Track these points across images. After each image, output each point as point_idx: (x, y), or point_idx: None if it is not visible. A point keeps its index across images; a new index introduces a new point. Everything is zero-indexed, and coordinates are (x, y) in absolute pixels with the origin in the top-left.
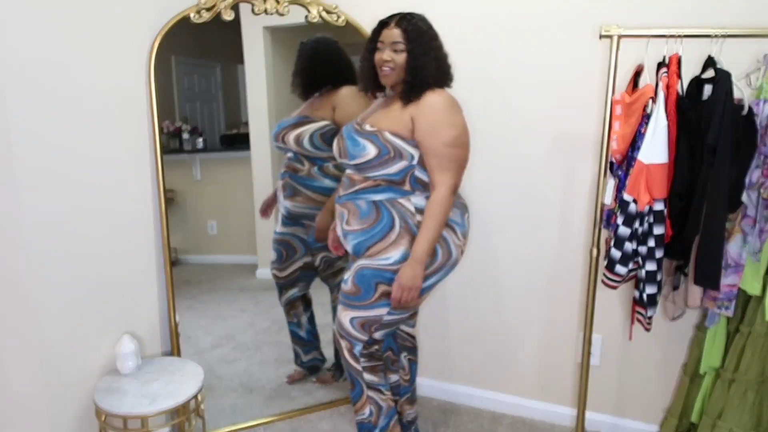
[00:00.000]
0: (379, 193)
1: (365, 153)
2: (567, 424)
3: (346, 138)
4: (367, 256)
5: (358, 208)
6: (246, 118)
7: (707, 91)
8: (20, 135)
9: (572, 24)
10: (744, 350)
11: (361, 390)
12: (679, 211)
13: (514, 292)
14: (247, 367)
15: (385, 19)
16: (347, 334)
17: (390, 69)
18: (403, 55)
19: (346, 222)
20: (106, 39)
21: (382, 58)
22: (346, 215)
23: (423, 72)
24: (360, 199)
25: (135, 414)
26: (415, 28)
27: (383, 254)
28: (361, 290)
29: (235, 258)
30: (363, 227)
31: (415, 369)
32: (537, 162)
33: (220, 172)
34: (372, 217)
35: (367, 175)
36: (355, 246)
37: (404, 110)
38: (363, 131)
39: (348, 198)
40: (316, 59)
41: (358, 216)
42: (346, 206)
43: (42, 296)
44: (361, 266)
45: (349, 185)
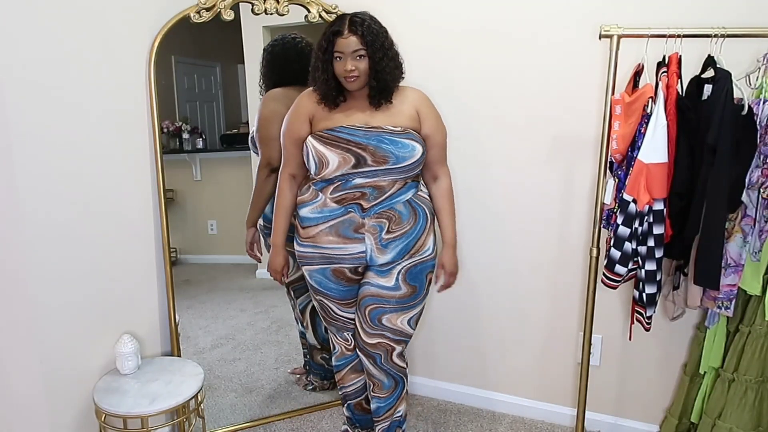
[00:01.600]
0: (407, 191)
1: (415, 153)
2: (567, 424)
3: (382, 142)
4: (409, 256)
5: (398, 213)
6: (246, 118)
7: (707, 90)
8: (20, 135)
9: (572, 24)
10: (744, 350)
11: (403, 388)
12: (678, 210)
13: (513, 292)
14: (247, 367)
15: (336, 27)
16: (406, 335)
17: (355, 77)
18: (365, 61)
19: (387, 231)
20: (106, 39)
21: (346, 69)
22: (386, 224)
23: (385, 75)
24: (396, 204)
25: (135, 414)
26: (370, 32)
27: (423, 247)
28: (417, 288)
29: (235, 258)
30: (407, 230)
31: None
32: (537, 162)
33: (220, 172)
34: (412, 217)
35: (404, 176)
36: (401, 250)
37: (404, 106)
38: (398, 132)
39: (382, 207)
40: (288, 58)
41: (401, 220)
42: (384, 215)
43: (42, 296)
44: (408, 266)
45: (378, 194)
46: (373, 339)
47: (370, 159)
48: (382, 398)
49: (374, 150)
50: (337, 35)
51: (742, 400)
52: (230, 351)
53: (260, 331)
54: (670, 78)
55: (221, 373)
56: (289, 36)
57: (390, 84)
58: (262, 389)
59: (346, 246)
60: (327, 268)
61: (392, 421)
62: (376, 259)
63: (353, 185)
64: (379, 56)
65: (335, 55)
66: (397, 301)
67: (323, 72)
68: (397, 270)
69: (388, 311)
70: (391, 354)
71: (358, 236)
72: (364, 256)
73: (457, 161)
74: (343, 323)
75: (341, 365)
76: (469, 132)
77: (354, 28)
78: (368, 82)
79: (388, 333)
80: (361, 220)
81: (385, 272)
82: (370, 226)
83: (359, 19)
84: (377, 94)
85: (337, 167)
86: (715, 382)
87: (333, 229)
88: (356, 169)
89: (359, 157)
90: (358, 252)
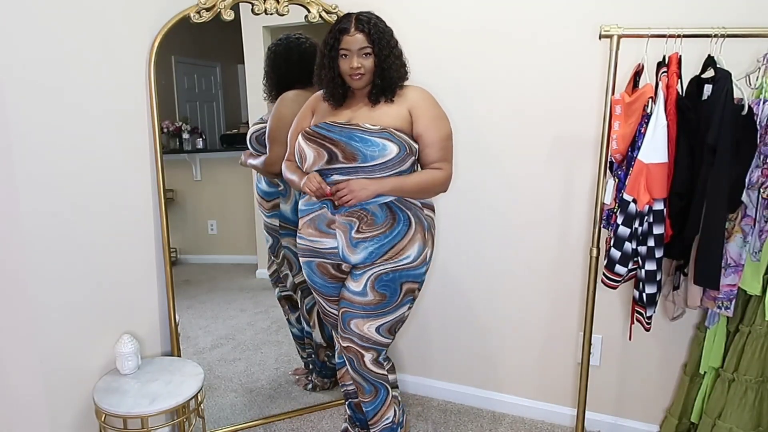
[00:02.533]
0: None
1: (387, 152)
2: (567, 424)
3: (352, 140)
4: (383, 261)
5: (371, 214)
6: (246, 118)
7: (707, 90)
8: (20, 135)
9: (572, 24)
10: (744, 350)
11: (386, 394)
12: (678, 210)
13: (513, 292)
14: (247, 367)
15: (343, 24)
16: (374, 343)
17: (361, 75)
18: (371, 59)
19: (357, 230)
20: (106, 39)
21: (352, 66)
22: (356, 224)
23: (390, 73)
24: (371, 204)
25: (135, 414)
26: (377, 30)
27: (402, 254)
28: (387, 296)
29: (235, 258)
30: (379, 233)
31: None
32: (537, 162)
33: (220, 172)
34: (388, 220)
35: (380, 176)
36: (371, 253)
37: (397, 106)
38: (372, 131)
39: (354, 206)
40: (291, 59)
41: (374, 222)
42: (354, 215)
43: (42, 296)
44: (379, 273)
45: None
46: (344, 342)
47: (341, 155)
48: (366, 402)
49: (344, 146)
50: (343, 33)
51: (742, 400)
52: (230, 351)
53: (260, 331)
54: (670, 78)
55: (221, 373)
56: (294, 36)
57: (394, 82)
58: (262, 389)
59: (321, 240)
60: (312, 261)
61: (382, 427)
62: (348, 257)
63: (330, 182)
64: (385, 54)
65: (341, 53)
66: (363, 307)
67: (329, 69)
68: (366, 276)
69: (355, 316)
70: (362, 360)
71: (330, 231)
72: (337, 252)
73: (457, 161)
74: (334, 320)
75: (341, 363)
76: (469, 132)
77: (361, 25)
78: (372, 80)
79: (356, 338)
80: (332, 216)
81: (357, 276)
82: (340, 223)
83: (365, 17)
84: (379, 92)
85: (313, 162)
86: (715, 382)
87: (312, 222)
88: (330, 165)
89: (331, 153)
90: (331, 247)
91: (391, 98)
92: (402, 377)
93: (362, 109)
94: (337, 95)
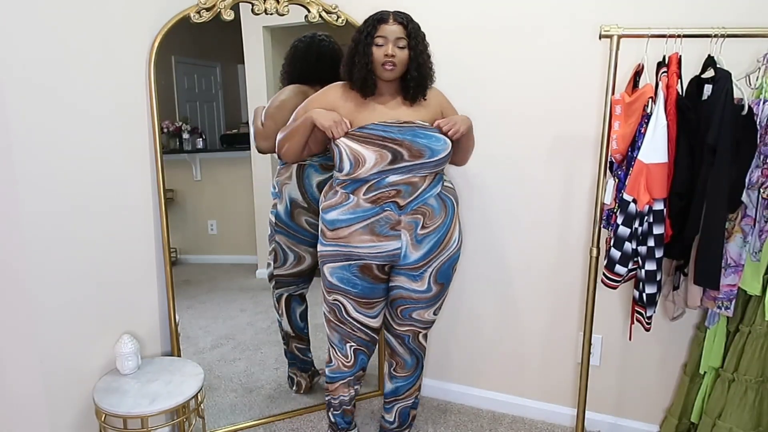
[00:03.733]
0: (437, 185)
1: (447, 146)
2: (567, 424)
3: (417, 137)
4: (439, 252)
5: (431, 207)
6: (246, 118)
7: (707, 90)
8: (20, 135)
9: (572, 24)
10: (744, 350)
11: (422, 368)
12: (679, 210)
13: (513, 292)
14: (247, 367)
15: (381, 14)
16: (431, 323)
17: (393, 65)
18: (405, 52)
19: (422, 226)
20: (106, 39)
21: (387, 53)
22: (421, 220)
23: (424, 69)
24: (429, 198)
25: (135, 414)
26: (413, 25)
27: (451, 239)
28: (444, 284)
29: (235, 258)
30: (439, 223)
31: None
32: (537, 162)
33: (220, 172)
34: (442, 210)
35: (434, 170)
36: (434, 244)
37: (431, 104)
38: (429, 127)
39: (418, 203)
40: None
41: (434, 214)
42: (419, 212)
43: (42, 296)
44: (438, 266)
45: (412, 190)
46: (402, 327)
47: (407, 154)
48: (403, 377)
49: (410, 145)
50: (381, 21)
51: (742, 400)
52: (230, 351)
53: (260, 331)
54: (670, 78)
55: (221, 373)
56: (318, 35)
57: (428, 78)
58: (262, 389)
59: (381, 244)
60: (353, 264)
61: (413, 401)
62: (409, 256)
63: (388, 183)
64: (421, 49)
65: (377, 40)
66: (427, 301)
67: (363, 56)
68: (428, 273)
69: (418, 308)
70: (417, 336)
71: (394, 233)
72: (399, 253)
73: None
74: (351, 329)
75: (335, 378)
76: None
77: (399, 17)
78: (408, 74)
79: (417, 324)
80: (398, 217)
81: (417, 277)
82: (407, 222)
83: (403, 13)
84: (416, 87)
85: (373, 165)
86: (715, 382)
87: (368, 228)
88: (392, 165)
89: (396, 153)
90: (393, 249)
91: (424, 96)
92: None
93: (401, 107)
94: (369, 83)
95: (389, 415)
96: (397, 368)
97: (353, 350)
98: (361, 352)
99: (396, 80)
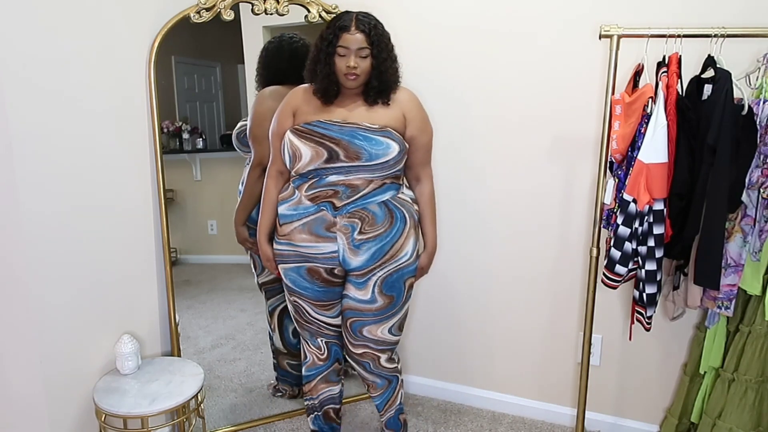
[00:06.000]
0: (384, 192)
1: (390, 151)
2: (567, 424)
3: (355, 138)
4: (384, 262)
5: (372, 213)
6: (246, 118)
7: (707, 90)
8: (20, 135)
9: (572, 24)
10: (744, 350)
11: (397, 383)
12: (679, 210)
13: (514, 292)
14: (247, 367)
15: (343, 22)
16: (389, 344)
17: (356, 75)
18: (368, 61)
19: (360, 231)
20: (106, 39)
21: (349, 65)
22: (359, 225)
23: (386, 75)
24: (370, 204)
25: (135, 414)
26: (376, 32)
27: (401, 252)
28: (394, 297)
29: (235, 258)
30: (380, 232)
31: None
32: (537, 162)
33: (220, 172)
34: (387, 218)
35: (379, 175)
36: (375, 253)
37: (392, 107)
38: (374, 129)
39: (355, 206)
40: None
41: (375, 221)
42: (356, 215)
43: (42, 296)
44: (383, 276)
45: (351, 192)
46: (358, 349)
47: (343, 154)
48: (378, 395)
49: (347, 145)
50: (343, 30)
51: (742, 400)
52: (230, 351)
53: (260, 331)
54: (670, 78)
55: (221, 373)
56: (287, 35)
57: (390, 86)
58: (262, 389)
59: (318, 244)
60: (302, 267)
61: (395, 410)
62: (349, 261)
63: (327, 183)
64: (383, 57)
65: (339, 50)
66: (374, 314)
67: (325, 65)
68: (372, 281)
69: (367, 323)
70: (378, 361)
71: (330, 235)
72: (337, 257)
73: (456, 161)
74: (317, 327)
75: (312, 375)
76: (469, 132)
77: (361, 25)
78: (368, 82)
79: (371, 344)
80: (333, 218)
81: (361, 284)
82: (342, 225)
83: (366, 18)
84: (376, 95)
85: (309, 161)
86: (715, 382)
87: (306, 227)
88: (329, 164)
89: (332, 151)
90: (330, 251)
91: (386, 101)
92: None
93: (358, 108)
94: (330, 92)
95: (381, 424)
96: (370, 389)
97: (325, 342)
98: (333, 344)
99: (362, 85)
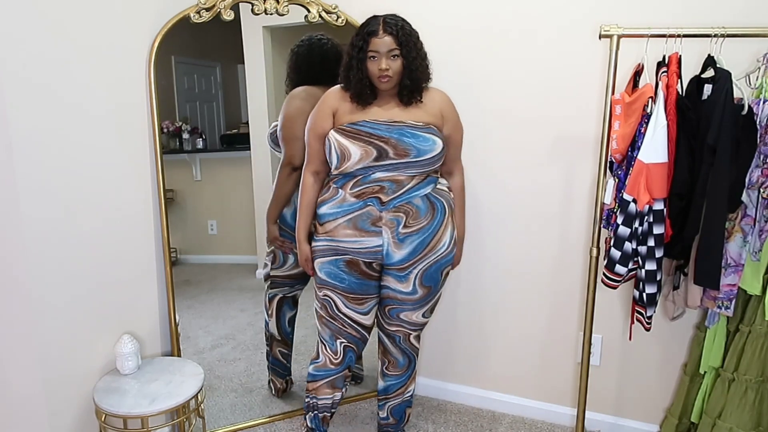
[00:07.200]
0: (425, 186)
1: (435, 147)
2: (567, 424)
3: (404, 136)
4: (424, 255)
5: (415, 207)
6: (246, 118)
7: (707, 90)
8: (20, 135)
9: (572, 24)
10: (744, 350)
11: (415, 367)
12: (679, 210)
13: (513, 292)
14: (247, 367)
15: (371, 27)
16: (421, 325)
17: (389, 77)
18: (399, 61)
19: (404, 225)
20: (106, 39)
21: (380, 68)
22: (404, 219)
23: (418, 74)
24: (414, 198)
25: (135, 414)
26: (404, 32)
27: (440, 243)
28: (432, 287)
29: (235, 258)
30: (424, 225)
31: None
32: (537, 162)
33: (220, 172)
34: (429, 211)
35: (424, 170)
36: (418, 246)
37: (428, 105)
38: (420, 126)
39: (401, 200)
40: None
41: (419, 215)
42: (401, 209)
43: (42, 296)
44: (424, 268)
45: (396, 187)
46: (392, 327)
47: (392, 152)
48: (395, 376)
49: (396, 143)
50: (372, 35)
51: (742, 399)
52: (230, 351)
53: (260, 331)
54: (670, 78)
55: (221, 373)
56: (315, 37)
57: (421, 83)
58: (262, 389)
59: (363, 239)
60: (340, 259)
61: (402, 400)
62: (392, 255)
63: (373, 179)
64: (413, 56)
65: (369, 55)
66: (413, 303)
67: (357, 71)
68: (413, 274)
69: (405, 310)
70: (409, 338)
71: (375, 229)
72: (381, 251)
73: None
74: (341, 325)
75: (320, 377)
76: (469, 132)
77: (389, 28)
78: (401, 82)
79: (405, 325)
80: (379, 213)
81: (403, 278)
82: (388, 219)
83: (393, 20)
84: (409, 93)
85: (359, 159)
86: (715, 381)
87: (351, 223)
88: (377, 162)
89: (381, 149)
90: (374, 246)
91: (420, 99)
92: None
93: (394, 109)
94: (365, 96)
95: (382, 412)
96: (389, 366)
97: (343, 346)
98: (350, 349)
99: (396, 86)
